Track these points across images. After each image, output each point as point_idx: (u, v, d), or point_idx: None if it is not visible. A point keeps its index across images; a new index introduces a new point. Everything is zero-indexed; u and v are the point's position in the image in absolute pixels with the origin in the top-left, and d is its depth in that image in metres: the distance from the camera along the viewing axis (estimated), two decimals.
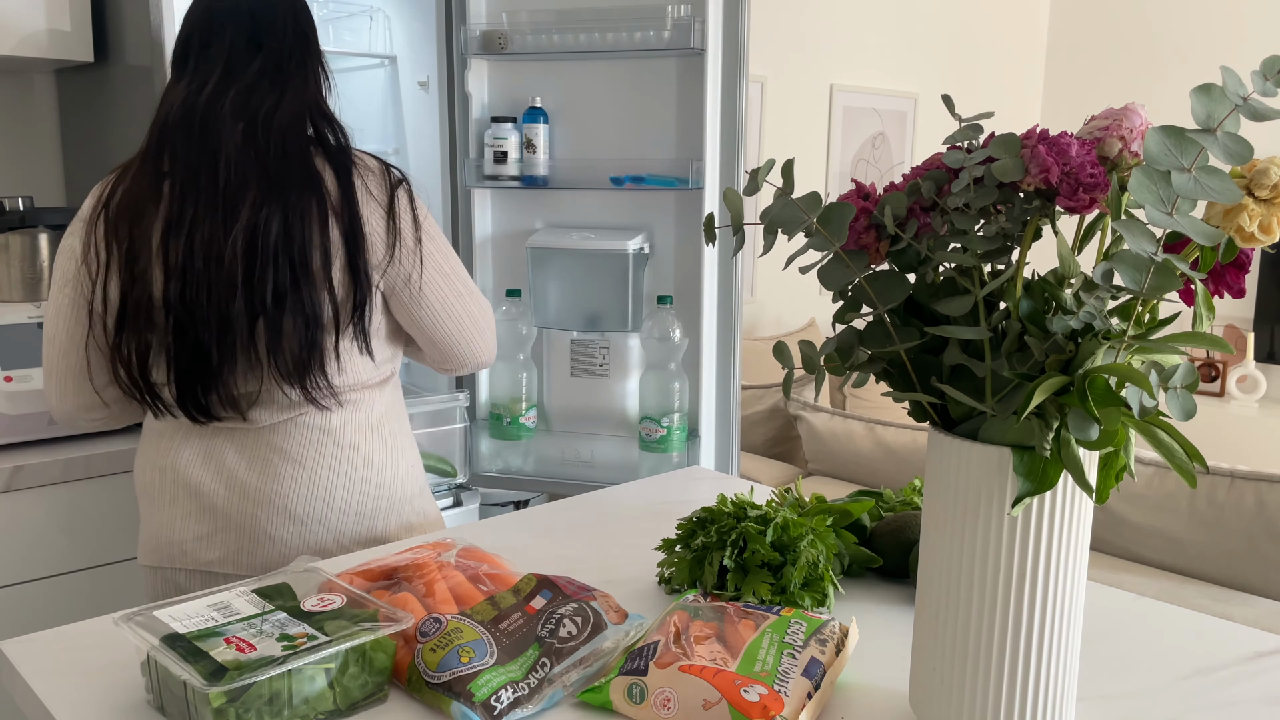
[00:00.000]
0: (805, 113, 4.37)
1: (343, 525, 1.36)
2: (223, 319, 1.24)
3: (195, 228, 1.24)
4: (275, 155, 1.27)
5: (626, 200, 2.15)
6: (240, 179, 1.25)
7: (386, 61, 2.29)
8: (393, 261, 1.33)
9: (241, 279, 1.24)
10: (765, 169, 0.78)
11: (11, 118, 2.20)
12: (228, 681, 0.79)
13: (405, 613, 0.91)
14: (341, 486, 1.36)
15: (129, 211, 1.26)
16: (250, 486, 1.33)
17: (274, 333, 1.26)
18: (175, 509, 1.34)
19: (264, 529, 1.33)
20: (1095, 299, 0.71)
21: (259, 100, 1.28)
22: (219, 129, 1.26)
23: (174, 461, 1.34)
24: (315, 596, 0.94)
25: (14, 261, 1.89)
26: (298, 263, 1.25)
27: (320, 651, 0.84)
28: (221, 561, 1.34)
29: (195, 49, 1.31)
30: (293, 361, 1.28)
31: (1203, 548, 2.28)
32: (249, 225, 1.23)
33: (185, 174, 1.26)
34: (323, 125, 1.33)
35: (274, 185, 1.25)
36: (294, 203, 1.26)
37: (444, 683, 0.87)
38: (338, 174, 1.30)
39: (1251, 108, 0.66)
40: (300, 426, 1.34)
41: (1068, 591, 0.78)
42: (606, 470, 2.20)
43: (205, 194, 1.25)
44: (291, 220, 1.25)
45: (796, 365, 0.88)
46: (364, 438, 1.37)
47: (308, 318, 1.27)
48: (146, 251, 1.25)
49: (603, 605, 0.98)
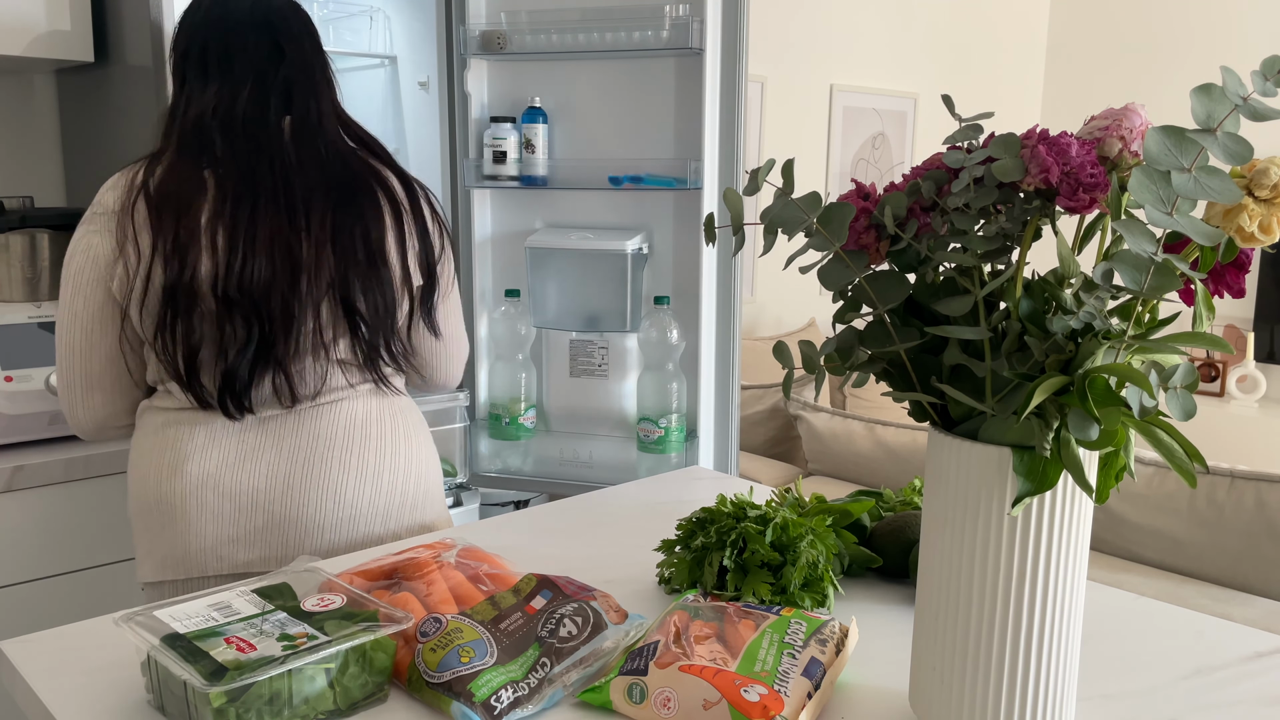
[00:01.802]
0: (805, 113, 4.36)
1: (390, 509, 1.36)
2: (286, 309, 1.27)
3: (255, 223, 1.26)
4: (334, 159, 1.33)
5: (625, 200, 2.15)
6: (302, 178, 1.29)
7: (386, 61, 2.29)
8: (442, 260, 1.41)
9: (328, 275, 1.29)
10: (765, 169, 0.78)
11: (11, 118, 2.20)
12: (228, 681, 0.79)
13: (405, 613, 0.91)
14: (388, 470, 1.36)
15: (173, 202, 1.26)
16: (295, 477, 1.31)
17: (352, 322, 1.32)
18: (204, 514, 1.29)
19: (312, 518, 1.30)
20: (1095, 299, 0.71)
21: (300, 106, 1.33)
22: (265, 131, 1.30)
23: (202, 465, 1.29)
24: (315, 596, 0.94)
25: (14, 261, 1.89)
26: (376, 256, 1.32)
27: (320, 651, 0.84)
28: (263, 560, 1.30)
29: (216, 57, 1.31)
30: (371, 348, 1.34)
31: (1203, 548, 2.28)
32: (332, 224, 1.29)
33: (236, 172, 1.27)
34: (358, 131, 1.39)
35: (343, 186, 1.31)
36: (367, 202, 1.32)
37: (444, 683, 0.87)
38: (398, 174, 1.39)
39: (1251, 108, 0.66)
40: (340, 412, 1.34)
41: (1068, 591, 0.78)
42: (605, 470, 2.20)
43: (265, 193, 1.27)
44: (369, 218, 1.32)
45: (796, 365, 0.88)
46: (399, 424, 1.40)
47: (386, 308, 1.33)
48: (194, 242, 1.25)
49: (603, 605, 0.98)
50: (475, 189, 2.20)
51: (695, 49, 1.99)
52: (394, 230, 1.34)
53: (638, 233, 2.12)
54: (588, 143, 2.15)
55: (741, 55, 2.02)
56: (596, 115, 2.14)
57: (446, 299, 1.43)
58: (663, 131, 2.09)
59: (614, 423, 2.23)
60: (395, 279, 1.34)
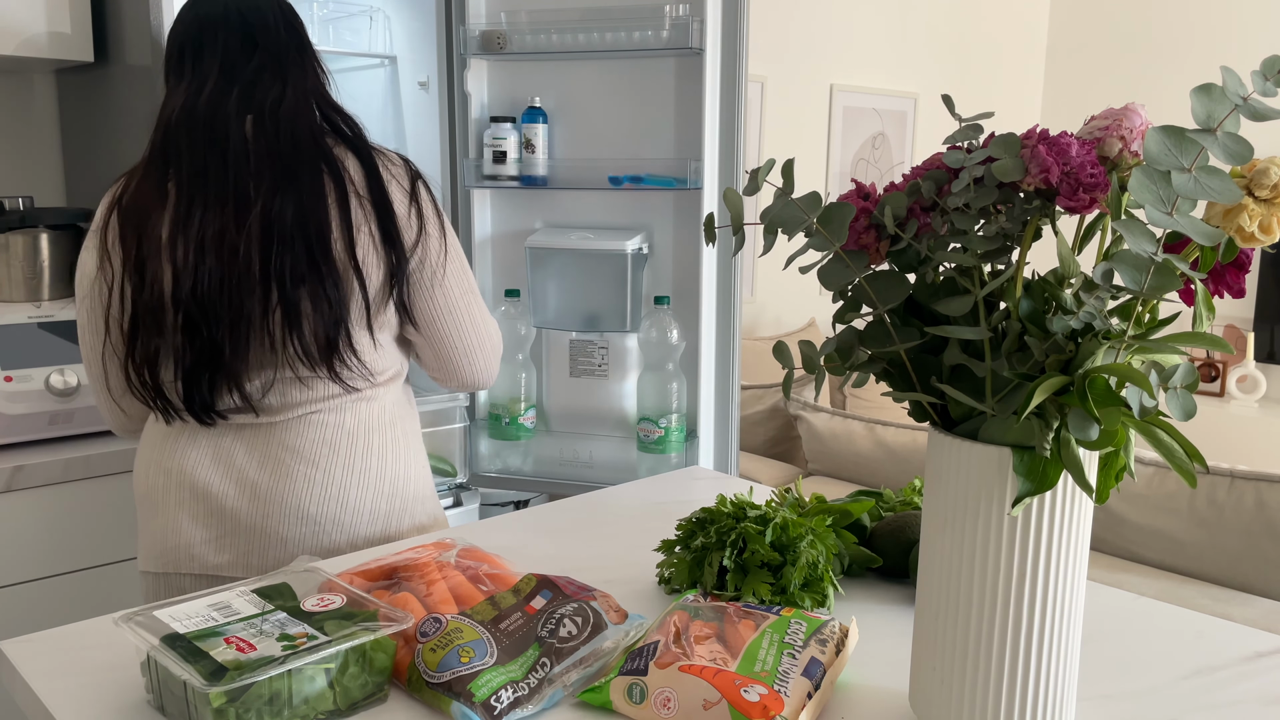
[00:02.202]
0: (805, 113, 4.36)
1: (356, 525, 1.34)
2: (236, 310, 1.23)
3: (205, 224, 1.23)
4: (287, 143, 1.27)
5: (625, 200, 2.15)
6: (251, 170, 1.25)
7: (386, 61, 2.29)
8: (419, 244, 1.32)
9: (259, 266, 1.23)
10: (765, 169, 0.78)
11: (11, 118, 2.20)
12: (228, 681, 0.79)
13: (405, 612, 0.91)
14: (355, 486, 1.34)
15: (134, 216, 1.26)
16: (262, 487, 1.31)
17: (293, 316, 1.24)
18: (182, 512, 1.31)
19: (275, 530, 1.31)
20: (1095, 299, 0.71)
21: (263, 93, 1.29)
22: (225, 126, 1.26)
23: (180, 463, 1.32)
24: (315, 596, 0.94)
25: (14, 261, 1.89)
26: (314, 241, 1.24)
27: (320, 651, 0.84)
28: (231, 565, 1.32)
29: (189, 56, 1.31)
30: (317, 344, 1.26)
31: (1203, 548, 2.28)
32: (263, 211, 1.23)
33: (190, 173, 1.26)
34: (332, 114, 1.34)
35: (286, 171, 1.25)
36: (308, 184, 1.25)
37: (444, 683, 0.87)
38: (359, 155, 1.31)
39: (1251, 108, 0.66)
40: (313, 425, 1.32)
41: (1068, 591, 0.78)
42: (605, 471, 2.20)
43: (214, 189, 1.24)
44: (306, 201, 1.24)
45: (796, 365, 0.88)
46: (378, 437, 1.36)
47: (330, 299, 1.25)
48: (155, 255, 1.24)
49: (603, 605, 0.98)
50: (475, 189, 2.20)
51: (695, 49, 1.99)
52: (338, 212, 1.26)
53: (638, 233, 2.12)
54: (588, 143, 2.15)
55: (741, 55, 2.02)
56: (596, 115, 2.14)
57: (441, 284, 1.35)
58: (663, 131, 2.09)
59: (614, 423, 2.23)
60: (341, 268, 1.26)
